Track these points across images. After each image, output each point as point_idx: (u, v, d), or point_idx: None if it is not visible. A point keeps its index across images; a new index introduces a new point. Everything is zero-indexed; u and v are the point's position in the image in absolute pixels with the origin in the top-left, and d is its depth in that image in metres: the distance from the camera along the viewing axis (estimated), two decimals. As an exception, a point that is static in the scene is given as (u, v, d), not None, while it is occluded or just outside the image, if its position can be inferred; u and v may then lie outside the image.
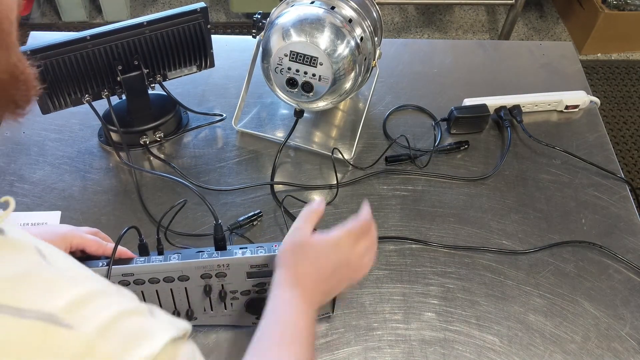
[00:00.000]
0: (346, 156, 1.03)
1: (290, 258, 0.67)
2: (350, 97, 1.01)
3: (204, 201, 0.79)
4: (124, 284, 0.73)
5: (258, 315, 0.78)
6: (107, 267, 0.71)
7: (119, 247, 0.72)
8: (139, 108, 0.98)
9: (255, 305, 0.78)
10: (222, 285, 0.76)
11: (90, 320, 0.42)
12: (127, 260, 0.73)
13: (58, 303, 0.41)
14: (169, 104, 1.03)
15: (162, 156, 1.02)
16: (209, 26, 0.96)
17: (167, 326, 0.47)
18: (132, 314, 0.45)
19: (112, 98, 0.96)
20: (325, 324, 0.83)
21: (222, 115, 1.07)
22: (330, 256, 0.66)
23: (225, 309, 0.79)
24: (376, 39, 0.98)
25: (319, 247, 0.66)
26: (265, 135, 1.06)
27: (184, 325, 0.49)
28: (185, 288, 0.76)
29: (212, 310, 0.79)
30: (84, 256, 0.75)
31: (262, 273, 0.75)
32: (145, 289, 0.74)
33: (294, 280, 0.65)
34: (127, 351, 0.42)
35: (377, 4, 1.01)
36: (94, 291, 0.45)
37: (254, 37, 0.99)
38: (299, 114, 1.01)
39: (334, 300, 0.80)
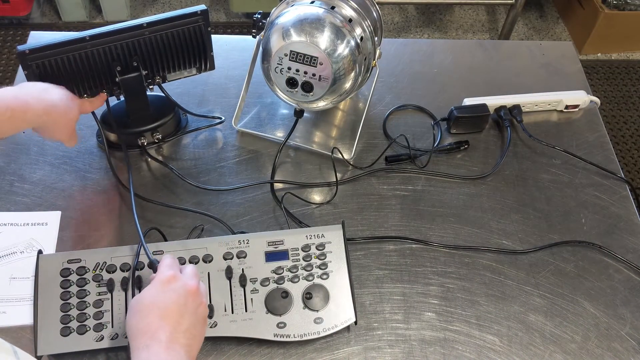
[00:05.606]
0: (346, 156, 1.03)
1: (134, 319, 0.66)
2: (350, 97, 1.01)
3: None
4: (153, 266, 0.76)
5: (278, 314, 0.80)
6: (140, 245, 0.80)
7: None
8: (138, 109, 0.98)
9: (274, 296, 0.80)
10: (243, 269, 0.82)
11: None
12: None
13: None
14: (168, 105, 1.02)
15: (160, 157, 1.02)
16: (209, 29, 0.95)
17: None
18: None
19: (111, 99, 0.96)
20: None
21: (220, 118, 1.07)
22: (161, 295, 0.67)
23: (246, 308, 0.80)
24: (376, 38, 0.98)
25: (150, 293, 0.67)
26: (265, 135, 1.06)
27: None
28: (208, 274, 0.81)
29: (232, 309, 0.79)
30: None
31: (279, 254, 0.83)
32: None
33: (147, 338, 0.64)
34: None
35: (377, 3, 1.01)
36: None
37: (254, 37, 0.99)
38: (299, 114, 1.01)
39: (355, 307, 0.81)
